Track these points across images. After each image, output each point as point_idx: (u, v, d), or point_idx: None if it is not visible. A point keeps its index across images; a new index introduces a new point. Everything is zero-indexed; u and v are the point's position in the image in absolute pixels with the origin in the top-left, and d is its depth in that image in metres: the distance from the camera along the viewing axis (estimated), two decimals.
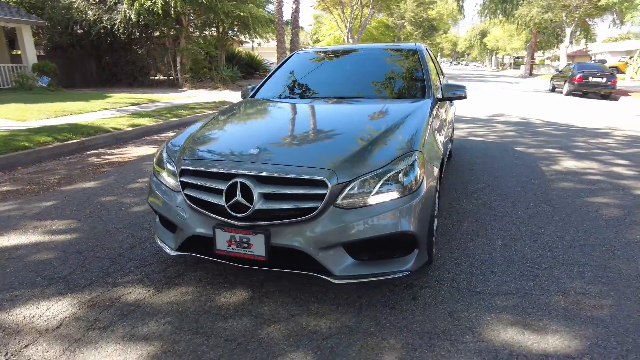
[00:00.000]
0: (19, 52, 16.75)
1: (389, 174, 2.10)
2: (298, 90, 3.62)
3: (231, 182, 2.10)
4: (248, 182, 2.07)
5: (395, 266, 2.15)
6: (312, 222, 2.04)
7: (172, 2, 14.69)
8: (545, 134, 7.31)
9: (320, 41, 35.56)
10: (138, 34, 18.29)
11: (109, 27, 16.29)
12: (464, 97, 3.32)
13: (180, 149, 2.50)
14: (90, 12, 16.72)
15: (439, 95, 3.28)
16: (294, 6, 16.85)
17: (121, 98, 13.12)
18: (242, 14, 15.10)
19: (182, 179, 2.28)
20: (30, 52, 16.08)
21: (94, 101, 12.23)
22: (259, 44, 29.37)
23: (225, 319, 2.15)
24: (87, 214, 3.71)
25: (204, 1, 14.95)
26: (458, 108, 11.36)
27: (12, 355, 1.92)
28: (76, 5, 16.37)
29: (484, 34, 53.70)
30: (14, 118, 9.00)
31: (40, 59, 16.84)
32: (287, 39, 20.04)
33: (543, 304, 2.20)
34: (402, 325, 2.07)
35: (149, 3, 14.77)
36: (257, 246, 2.08)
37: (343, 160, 2.13)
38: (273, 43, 20.82)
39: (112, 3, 15.96)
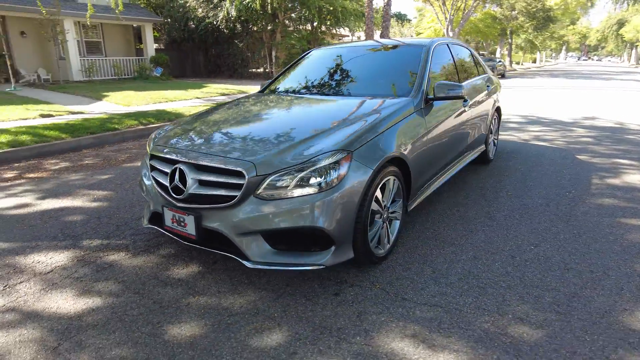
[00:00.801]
0: (142, 46, 19.44)
1: (308, 171, 2.19)
2: (294, 86, 3.77)
3: (173, 167, 2.40)
4: (185, 169, 2.34)
5: (310, 259, 2.24)
6: (233, 209, 2.23)
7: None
8: (631, 143, 6.28)
9: (420, 34, 34.34)
10: (240, 28, 19.86)
11: (215, 22, 18.01)
12: (461, 97, 3.14)
13: (161, 136, 2.88)
14: (200, 10, 18.65)
15: (432, 95, 3.14)
16: None
17: (215, 88, 14.50)
18: (331, 8, 15.43)
19: (150, 162, 2.65)
20: (150, 46, 18.56)
21: (191, 90, 13.73)
22: (359, 37, 29.53)
23: (165, 286, 2.46)
24: (126, 188, 4.37)
25: None
26: (541, 108, 10.24)
27: (8, 287, 2.48)
28: (188, 3, 18.38)
29: (621, 23, 46.23)
30: (122, 103, 10.62)
31: (158, 52, 19.34)
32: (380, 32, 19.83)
33: (464, 323, 2.08)
34: (305, 316, 2.15)
35: (248, 0, 15.96)
36: (190, 226, 2.35)
37: (269, 154, 2.27)
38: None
39: (217, 0, 17.58)
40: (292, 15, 18.04)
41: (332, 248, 2.25)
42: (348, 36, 24.40)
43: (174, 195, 2.38)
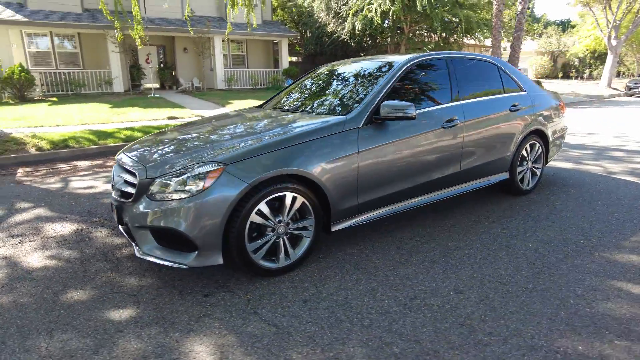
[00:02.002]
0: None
1: (181, 178, 2.44)
2: (282, 100, 3.96)
3: (114, 166, 2.92)
4: (117, 168, 2.83)
5: (178, 258, 2.47)
6: (132, 205, 2.61)
7: (390, 12, 15.80)
8: None
9: (575, 44, 29.44)
10: (370, 42, 20.44)
11: (343, 37, 18.95)
12: (410, 118, 2.92)
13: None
14: (331, 25, 19.85)
15: (379, 115, 2.99)
16: (520, 7, 15.01)
17: None
18: (456, 19, 14.72)
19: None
20: (285, 59, 20.54)
21: None
22: (504, 49, 27.16)
23: (106, 261, 2.99)
24: None
25: (420, 9, 15.38)
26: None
27: (23, 242, 3.35)
28: (321, 19, 19.75)
29: None
30: (239, 109, 12.16)
31: (292, 65, 21.26)
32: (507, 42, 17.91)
33: (278, 348, 2.04)
34: (162, 305, 2.40)
35: (370, 14, 16.38)
36: (117, 217, 2.82)
37: (161, 160, 2.60)
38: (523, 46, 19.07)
39: (345, 15, 18.48)
40: (417, 27, 17.75)
41: (195, 252, 2.44)
42: (479, 46, 22.65)
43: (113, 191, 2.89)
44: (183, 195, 2.42)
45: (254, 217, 2.52)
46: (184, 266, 2.45)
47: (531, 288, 2.54)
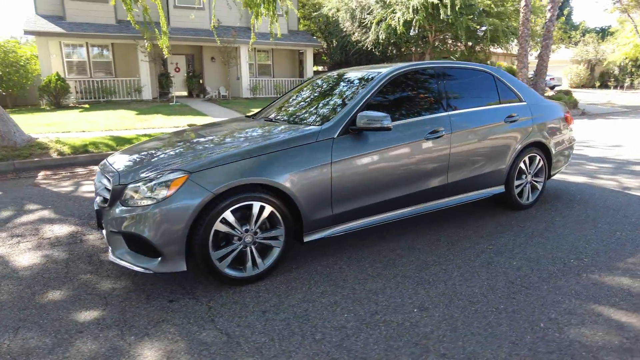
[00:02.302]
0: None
1: (148, 185, 2.50)
2: (270, 111, 3.99)
3: (97, 172, 3.03)
4: (98, 174, 2.95)
5: (145, 263, 2.52)
6: (108, 210, 2.70)
7: (413, 21, 15.68)
8: None
9: (615, 52, 28.01)
10: (395, 51, 20.32)
11: (367, 46, 18.95)
12: (386, 129, 2.89)
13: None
14: (355, 34, 19.91)
15: (356, 125, 2.97)
16: (549, 14, 14.52)
17: None
18: (479, 28, 14.42)
19: None
20: (309, 68, 20.74)
21: None
22: (536, 57, 26.29)
23: (89, 264, 3.09)
24: None
25: (443, 18, 15.18)
26: None
27: (20, 242, 3.52)
28: (345, 29, 19.86)
29: None
30: None
31: (316, 74, 21.41)
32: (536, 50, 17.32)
33: (225, 357, 2.04)
34: (127, 308, 2.45)
35: (393, 22, 16.31)
36: (97, 222, 2.92)
37: (134, 167, 2.67)
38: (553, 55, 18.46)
39: (369, 25, 18.49)
40: (442, 36, 17.50)
41: (159, 258, 2.48)
42: (509, 55, 21.95)
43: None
44: (149, 202, 2.48)
45: (219, 226, 2.55)
46: (150, 271, 2.50)
47: (502, 309, 2.42)
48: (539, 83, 15.14)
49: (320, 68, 26.21)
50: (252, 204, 2.63)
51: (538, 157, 4.11)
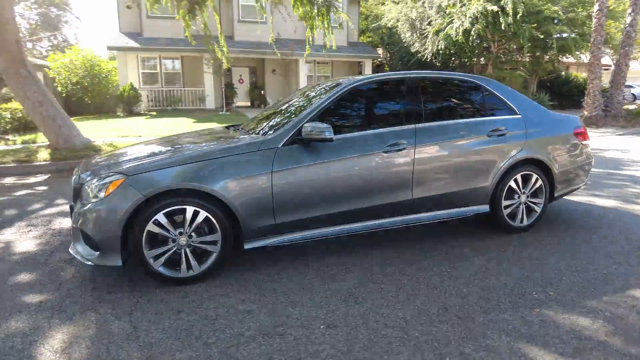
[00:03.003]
0: None
1: (94, 185, 2.74)
2: (248, 122, 4.10)
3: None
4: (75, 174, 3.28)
5: (89, 255, 2.75)
6: (75, 207, 2.98)
7: (472, 31, 14.99)
8: None
9: None
10: (457, 61, 19.56)
11: (427, 56, 18.48)
12: (328, 140, 2.86)
13: None
14: (416, 45, 19.51)
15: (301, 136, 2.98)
16: (629, 19, 12.98)
17: None
18: (544, 37, 13.35)
19: None
20: None
21: None
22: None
23: (69, 253, 3.44)
24: None
25: (504, 27, 14.30)
26: None
27: (31, 231, 4.02)
28: (404, 40, 19.56)
29: None
30: None
31: None
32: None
33: (105, 351, 2.16)
34: (69, 292, 2.69)
35: (452, 32, 15.72)
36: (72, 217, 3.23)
37: (94, 168, 2.94)
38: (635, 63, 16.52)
39: (428, 34, 18.02)
40: (506, 46, 16.44)
41: (98, 252, 2.69)
42: (582, 65, 19.73)
43: None
44: (94, 201, 2.70)
45: (152, 227, 2.70)
46: (90, 263, 2.72)
47: (416, 336, 2.25)
48: (615, 95, 13.59)
49: None
50: (185, 208, 2.74)
51: (535, 176, 3.73)
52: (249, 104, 22.00)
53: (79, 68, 15.74)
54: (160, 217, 2.70)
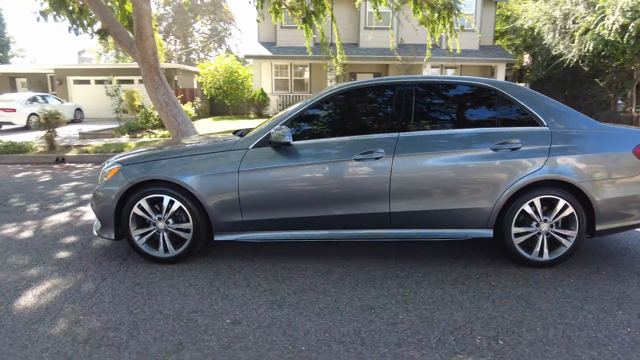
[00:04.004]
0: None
1: (102, 171, 3.38)
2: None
3: None
4: None
5: (95, 228, 3.39)
6: None
7: (630, 26, 12.34)
8: None
9: None
10: (614, 64, 16.28)
11: (572, 59, 15.91)
12: (286, 144, 2.94)
13: None
14: (560, 47, 16.95)
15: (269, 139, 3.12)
16: None
17: None
18: None
19: None
20: None
21: None
22: None
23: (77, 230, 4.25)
24: None
25: None
26: None
27: (50, 207, 5.06)
28: (544, 42, 17.15)
29: None
30: None
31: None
32: None
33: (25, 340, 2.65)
34: (87, 255, 3.37)
35: (604, 31, 13.19)
36: None
37: (113, 160, 3.58)
38: None
39: (572, 35, 15.45)
40: None
41: (100, 225, 3.30)
42: None
43: None
44: (99, 184, 3.32)
45: (136, 210, 3.17)
46: (95, 233, 3.35)
47: (301, 351, 2.18)
48: None
49: (522, 85, 23.32)
50: (163, 197, 3.14)
51: (562, 202, 3.06)
52: None
53: (220, 74, 18.28)
54: (143, 202, 3.16)
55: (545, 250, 3.15)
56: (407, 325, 2.41)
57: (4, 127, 14.68)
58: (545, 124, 3.13)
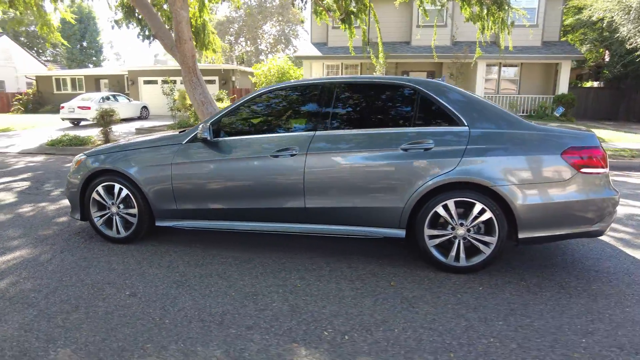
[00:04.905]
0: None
1: (73, 159, 3.92)
2: None
3: None
4: None
5: (70, 210, 3.95)
6: None
7: None
8: None
9: None
10: None
11: None
12: (203, 140, 3.30)
13: None
14: (639, 39, 15.14)
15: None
16: None
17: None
18: None
19: None
20: (562, 84, 17.42)
21: None
22: None
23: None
24: None
25: None
26: None
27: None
28: (619, 35, 15.42)
29: None
30: None
31: (599, 91, 17.65)
32: None
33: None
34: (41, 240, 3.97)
35: None
36: None
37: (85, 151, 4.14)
38: None
39: None
40: None
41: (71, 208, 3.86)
42: None
43: None
44: (70, 172, 3.88)
45: (95, 195, 3.69)
46: (69, 214, 3.92)
47: (165, 325, 2.45)
48: None
49: (595, 84, 21.16)
50: (114, 185, 3.60)
51: (479, 206, 2.96)
52: None
53: (272, 75, 19.05)
54: (100, 188, 3.66)
55: (462, 255, 3.07)
56: (273, 312, 2.57)
57: (82, 122, 16.79)
58: (466, 124, 3.05)
